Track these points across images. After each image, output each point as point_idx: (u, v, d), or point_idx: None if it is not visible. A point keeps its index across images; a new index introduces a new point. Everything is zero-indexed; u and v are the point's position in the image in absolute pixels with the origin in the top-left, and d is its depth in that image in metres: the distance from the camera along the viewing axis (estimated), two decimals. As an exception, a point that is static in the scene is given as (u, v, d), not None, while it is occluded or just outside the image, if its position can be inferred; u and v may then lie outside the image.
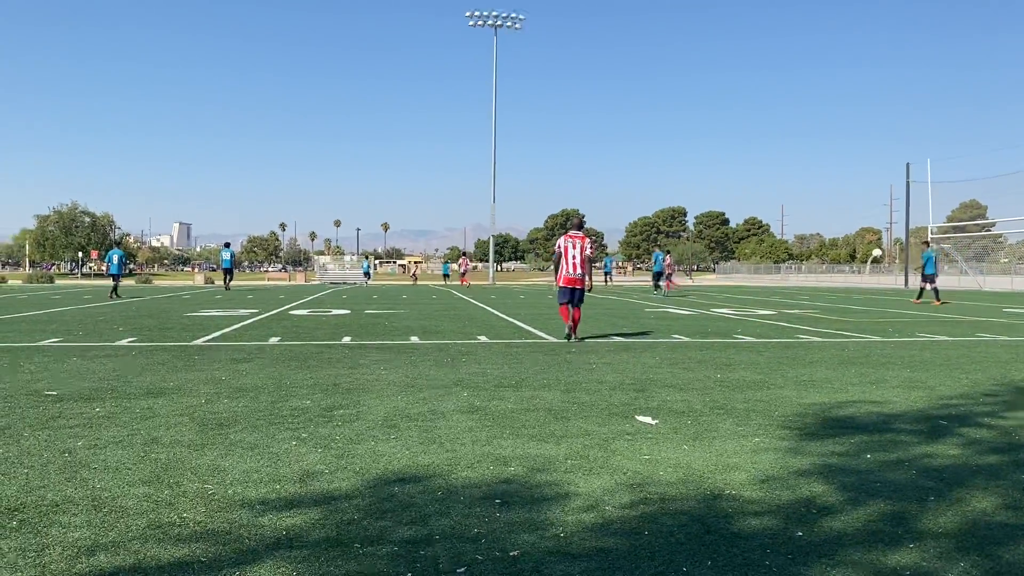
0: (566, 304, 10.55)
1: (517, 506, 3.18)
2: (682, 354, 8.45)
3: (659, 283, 26.62)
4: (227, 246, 31.28)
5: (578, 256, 10.32)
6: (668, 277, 26.47)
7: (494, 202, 48.45)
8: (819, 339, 10.41)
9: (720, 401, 5.54)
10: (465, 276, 38.30)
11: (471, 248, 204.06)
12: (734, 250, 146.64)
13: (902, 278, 45.83)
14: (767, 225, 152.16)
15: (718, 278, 77.97)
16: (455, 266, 40.82)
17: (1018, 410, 5.30)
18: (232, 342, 9.39)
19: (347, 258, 69.32)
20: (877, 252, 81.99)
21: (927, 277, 21.00)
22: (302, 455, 3.93)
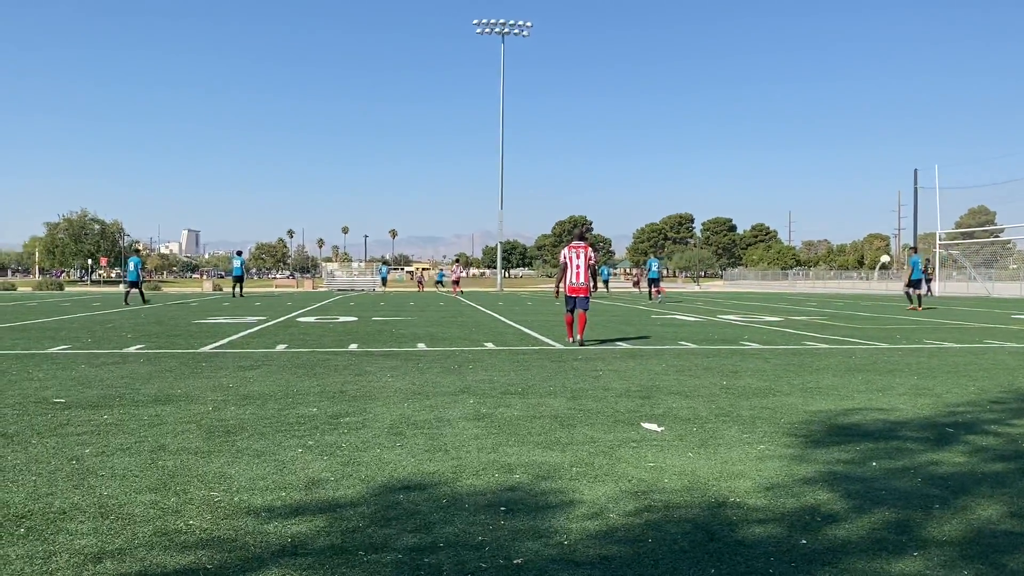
0: (570, 315, 10.67)
1: (522, 514, 3.18)
2: (688, 361, 8.45)
3: (654, 289, 26.53)
4: (239, 254, 31.58)
5: (582, 265, 10.50)
6: (656, 283, 26.44)
7: (501, 209, 48.50)
8: (826, 346, 10.39)
9: (726, 408, 5.53)
10: (457, 283, 36.30)
11: (478, 254, 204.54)
12: (741, 256, 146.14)
13: (910, 284, 45.51)
14: (774, 231, 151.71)
15: (725, 284, 77.79)
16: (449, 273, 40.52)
17: (1026, 417, 5.27)
18: (239, 349, 9.43)
19: (355, 264, 69.45)
20: (885, 258, 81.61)
21: (913, 283, 21.05)
22: (308, 462, 3.95)
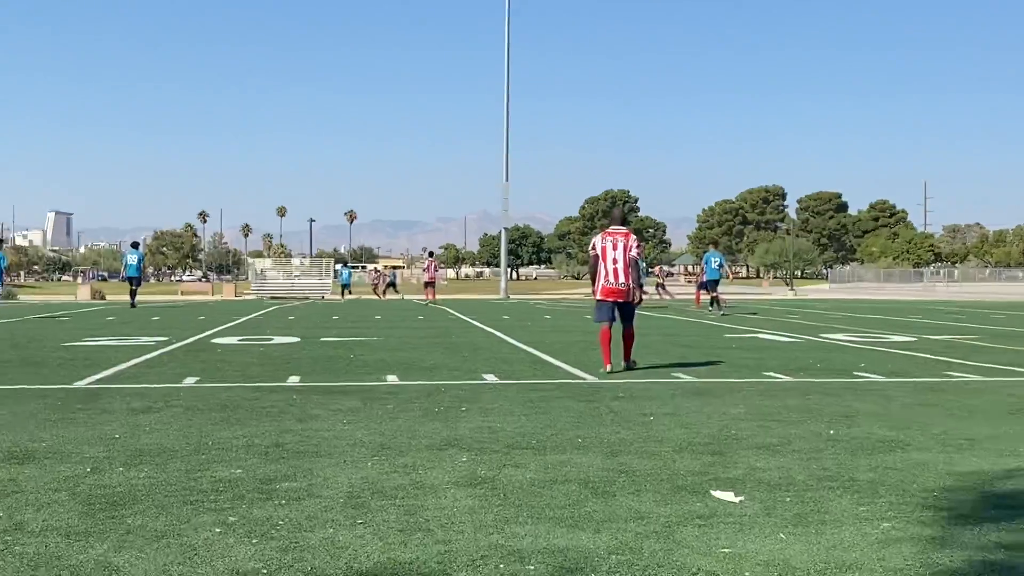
0: (607, 325, 10.79)
1: (538, 622, 3.18)
2: (779, 400, 8.44)
3: (716, 296, 26.39)
4: (135, 247, 31.79)
5: (620, 259, 10.61)
6: (714, 287, 26.30)
7: (507, 180, 48.60)
8: (978, 377, 10.39)
9: (833, 469, 5.53)
10: (431, 287, 35.60)
11: (473, 246, 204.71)
12: (855, 248, 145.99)
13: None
14: (902, 212, 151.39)
15: (832, 288, 77.60)
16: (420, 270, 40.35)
17: None
18: (131, 384, 9.44)
19: (296, 261, 69.62)
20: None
21: None
22: (230, 548, 3.96)
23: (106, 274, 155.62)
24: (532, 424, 7.06)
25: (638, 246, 10.81)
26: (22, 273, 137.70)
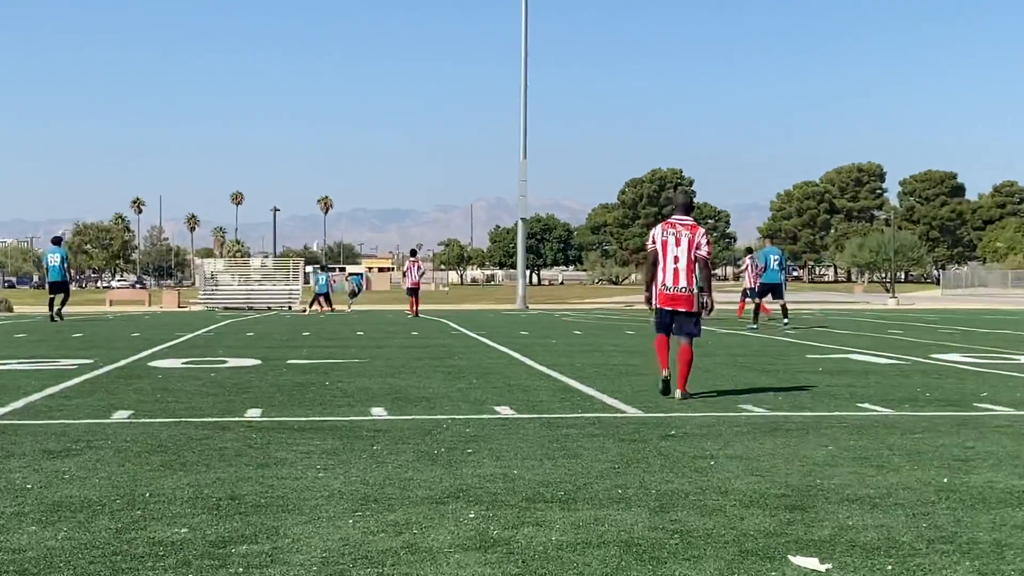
0: (665, 336, 10.98)
1: None
2: (877, 440, 8.41)
3: (759, 306, 26.52)
4: (57, 242, 31.98)
5: (683, 257, 10.71)
6: (777, 292, 26.36)
7: (524, 158, 48.58)
8: None
9: (947, 528, 5.51)
10: (415, 294, 35.78)
11: (482, 242, 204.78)
12: (974, 243, 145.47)
13: None
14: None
15: (945, 295, 77.25)
16: (407, 274, 39.57)
17: None
18: (45, 419, 9.48)
19: (256, 261, 69.84)
20: None
21: None
22: (172, 629, 3.97)
23: (14, 279, 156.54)
24: (558, 470, 7.04)
25: (708, 243, 10.82)
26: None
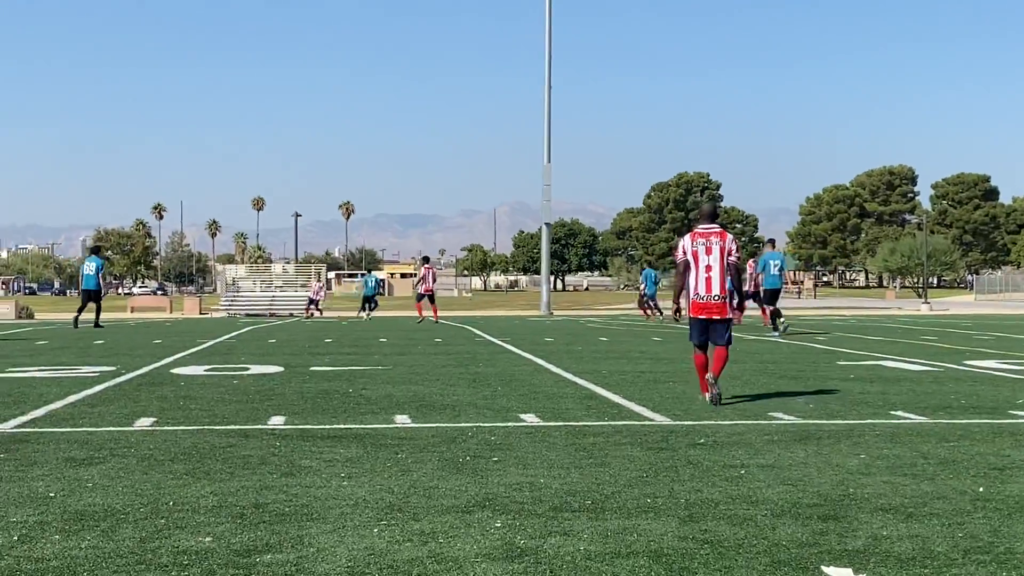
0: (701, 353, 11.19)
1: None
2: (911, 448, 8.38)
3: (776, 310, 26.72)
4: (96, 251, 32.58)
5: (717, 264, 10.96)
6: (773, 299, 26.54)
7: (549, 162, 48.59)
8: None
9: (984, 538, 5.48)
10: (429, 300, 35.80)
11: (505, 247, 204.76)
12: (1008, 247, 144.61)
13: None
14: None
15: (978, 301, 76.81)
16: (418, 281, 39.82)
17: None
18: (68, 427, 9.52)
19: (278, 267, 70.10)
20: None
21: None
22: (197, 639, 3.97)
23: (35, 285, 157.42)
24: (585, 479, 7.04)
25: (737, 249, 11.01)
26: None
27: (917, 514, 6.02)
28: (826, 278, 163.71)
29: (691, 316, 11.20)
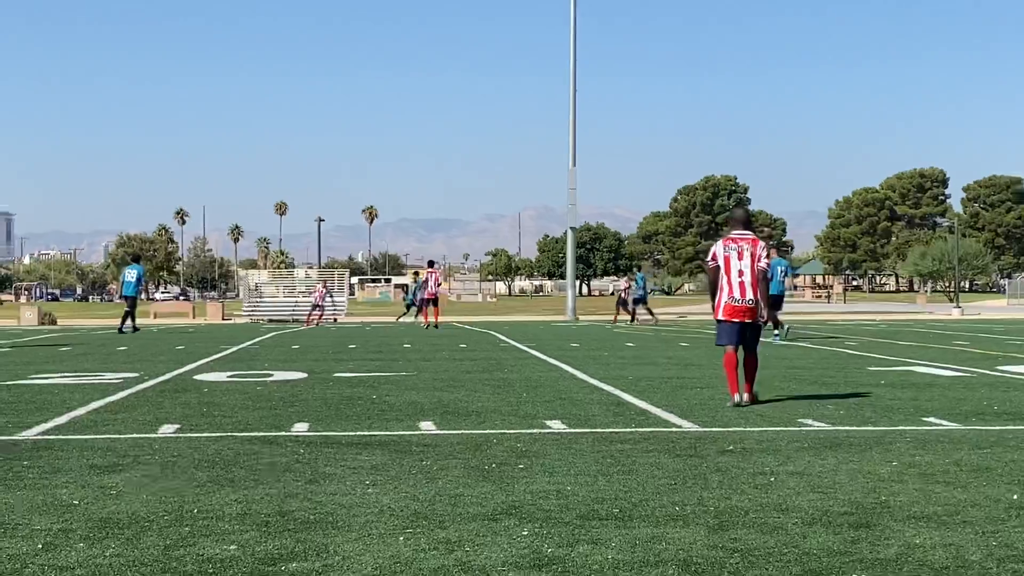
0: (733, 349, 11.50)
1: None
2: (943, 455, 8.33)
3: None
4: (136, 260, 33.56)
5: (748, 270, 11.30)
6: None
7: (574, 165, 48.61)
8: None
9: (1019, 546, 5.44)
10: (432, 307, 35.80)
11: (530, 252, 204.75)
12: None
13: None
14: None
15: (1011, 305, 76.26)
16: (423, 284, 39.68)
17: None
18: (91, 434, 9.57)
19: (300, 272, 70.39)
20: None
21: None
22: (222, 648, 3.98)
23: (57, 291, 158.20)
24: (613, 487, 7.02)
25: (767, 255, 11.31)
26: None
27: (950, 522, 5.98)
28: (856, 282, 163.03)
29: (723, 319, 11.48)
